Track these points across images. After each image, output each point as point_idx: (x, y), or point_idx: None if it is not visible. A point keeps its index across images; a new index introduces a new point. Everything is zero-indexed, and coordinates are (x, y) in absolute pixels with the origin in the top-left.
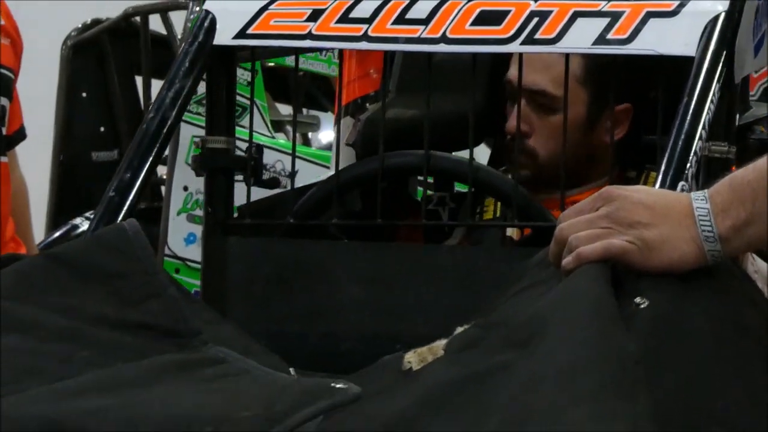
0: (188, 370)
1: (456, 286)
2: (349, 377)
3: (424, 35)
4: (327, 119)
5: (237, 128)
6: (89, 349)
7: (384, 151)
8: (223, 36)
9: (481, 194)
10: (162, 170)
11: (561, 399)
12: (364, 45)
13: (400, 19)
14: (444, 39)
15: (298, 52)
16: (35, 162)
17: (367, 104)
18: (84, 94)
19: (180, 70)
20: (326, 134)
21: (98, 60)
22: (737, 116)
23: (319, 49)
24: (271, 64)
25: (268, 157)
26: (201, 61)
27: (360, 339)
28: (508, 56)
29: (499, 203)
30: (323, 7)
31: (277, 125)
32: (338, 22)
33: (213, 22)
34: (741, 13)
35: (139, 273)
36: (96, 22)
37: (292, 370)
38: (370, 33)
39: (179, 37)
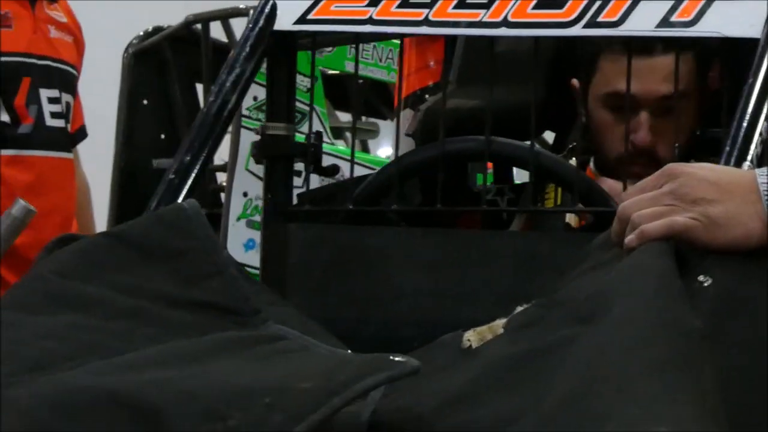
0: (248, 347)
1: (515, 271)
2: (408, 355)
3: (485, 19)
4: (386, 127)
5: (297, 135)
6: (150, 327)
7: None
8: (284, 21)
9: (542, 182)
10: (222, 177)
11: (626, 370)
12: (425, 30)
13: (462, 4)
14: (505, 23)
15: (358, 39)
16: (97, 168)
17: (427, 96)
18: (145, 102)
19: (240, 54)
20: (385, 150)
21: (159, 67)
22: None
23: (380, 35)
24: (332, 72)
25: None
26: (261, 46)
27: (418, 325)
28: (582, 57)
29: (560, 191)
30: None
31: (337, 132)
32: (399, 6)
33: (273, 8)
34: None
35: (199, 251)
36: (157, 29)
37: (349, 352)
38: (431, 17)
39: None
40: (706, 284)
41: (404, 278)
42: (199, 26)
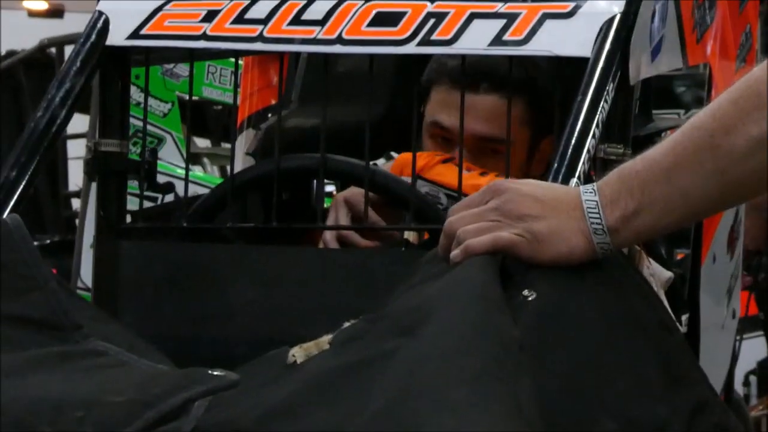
0: (65, 362)
1: (351, 289)
2: (233, 371)
3: (320, 36)
4: None
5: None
6: None
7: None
8: (116, 36)
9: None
10: (76, 203)
11: (443, 380)
12: (259, 46)
13: (296, 20)
14: (340, 40)
15: (192, 56)
16: None
17: (269, 115)
18: None
19: (71, 69)
20: None
21: (13, 91)
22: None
23: (214, 51)
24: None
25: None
26: (93, 61)
27: (253, 343)
28: (421, 86)
29: None
30: (218, 8)
31: (194, 158)
32: (233, 23)
33: (106, 22)
34: (636, 14)
35: (19, 264)
36: (11, 53)
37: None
38: (265, 34)
39: None
40: (530, 298)
41: (239, 296)
42: (53, 50)
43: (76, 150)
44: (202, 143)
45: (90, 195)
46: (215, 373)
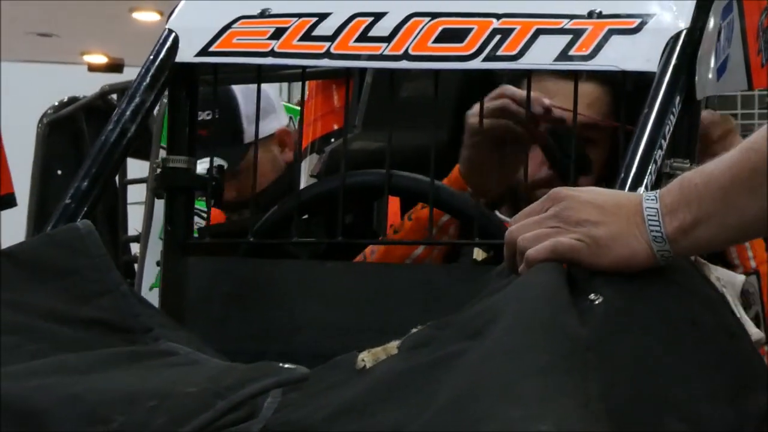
0: (136, 360)
1: (416, 304)
2: None
3: (386, 52)
4: None
5: None
6: (38, 343)
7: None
8: (185, 53)
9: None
10: (135, 248)
11: (510, 374)
12: (326, 62)
13: (363, 37)
14: (406, 56)
15: (260, 73)
16: (11, 239)
17: (332, 139)
18: (59, 172)
19: (141, 84)
20: None
21: (74, 137)
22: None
23: (282, 67)
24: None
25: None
26: (162, 78)
27: (318, 359)
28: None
29: None
30: (286, 25)
31: None
32: (301, 39)
33: (176, 40)
34: (702, 31)
35: (91, 270)
36: (72, 99)
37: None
38: (332, 50)
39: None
40: (596, 302)
41: (304, 311)
42: (114, 96)
43: (134, 196)
44: None
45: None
46: (286, 366)
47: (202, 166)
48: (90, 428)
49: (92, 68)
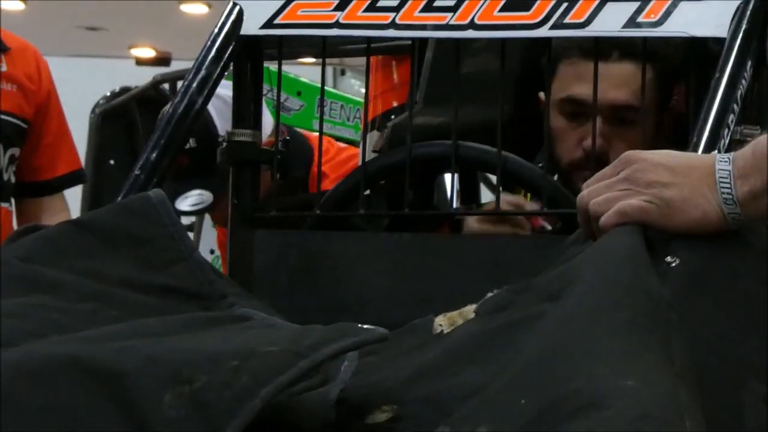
0: (214, 324)
1: (483, 276)
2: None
3: (452, 22)
4: None
5: None
6: (115, 310)
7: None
8: (250, 26)
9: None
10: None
11: (594, 333)
12: (391, 32)
13: (428, 7)
14: (472, 25)
15: (324, 47)
16: None
17: (393, 116)
18: (112, 161)
19: (207, 57)
20: None
21: (126, 127)
22: None
23: (347, 38)
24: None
25: None
26: (227, 51)
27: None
28: (546, 70)
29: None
30: None
31: None
32: (366, 10)
33: (240, 13)
34: None
35: (164, 238)
36: (124, 90)
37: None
38: (397, 21)
39: None
40: (673, 264)
41: (371, 284)
42: (166, 86)
43: None
44: None
45: (202, 229)
46: (365, 326)
47: (185, 202)
48: (172, 389)
49: (140, 62)
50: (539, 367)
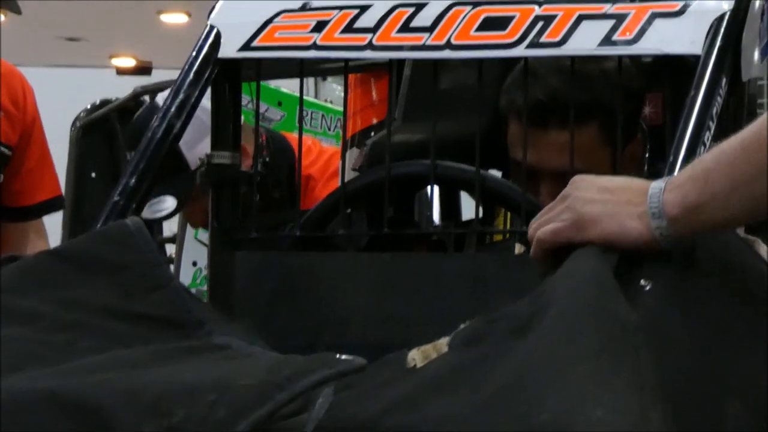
0: (191, 354)
1: (464, 294)
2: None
3: (428, 42)
4: None
5: None
6: (92, 339)
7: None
8: (228, 49)
9: (490, 211)
10: (170, 249)
11: (563, 359)
12: (368, 54)
13: (405, 28)
14: (449, 45)
15: (302, 68)
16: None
17: (372, 133)
18: (93, 174)
19: (185, 80)
20: None
21: (107, 139)
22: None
23: (324, 60)
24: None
25: None
26: (206, 73)
27: (367, 350)
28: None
29: (508, 219)
30: (328, 18)
31: None
32: (343, 32)
33: (218, 35)
34: (746, 12)
35: (142, 265)
36: (105, 102)
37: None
38: (374, 42)
39: None
40: (647, 288)
41: (352, 303)
42: (146, 98)
43: None
44: None
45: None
46: (343, 357)
47: (147, 211)
48: (151, 422)
49: (121, 71)
50: (505, 396)
